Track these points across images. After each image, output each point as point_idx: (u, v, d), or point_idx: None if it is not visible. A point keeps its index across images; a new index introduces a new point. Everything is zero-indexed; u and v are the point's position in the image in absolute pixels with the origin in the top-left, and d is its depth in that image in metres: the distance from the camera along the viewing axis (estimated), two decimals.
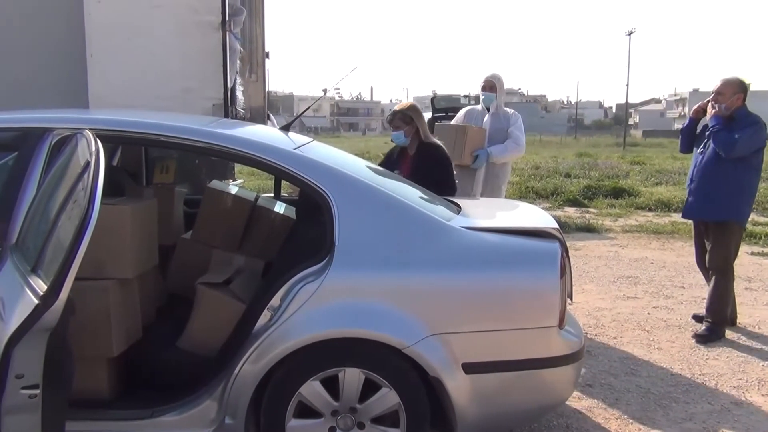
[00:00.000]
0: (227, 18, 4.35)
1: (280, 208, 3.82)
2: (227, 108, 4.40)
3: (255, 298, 2.81)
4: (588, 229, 8.84)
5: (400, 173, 3.82)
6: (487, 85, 4.97)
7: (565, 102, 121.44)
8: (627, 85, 67.35)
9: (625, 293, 5.72)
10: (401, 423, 2.58)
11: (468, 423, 2.58)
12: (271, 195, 4.22)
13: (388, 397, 2.56)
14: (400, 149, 4.20)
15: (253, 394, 2.55)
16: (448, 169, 4.05)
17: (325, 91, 5.84)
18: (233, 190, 3.90)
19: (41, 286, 1.93)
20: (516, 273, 2.66)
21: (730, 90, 4.43)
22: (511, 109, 5.10)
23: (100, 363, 2.71)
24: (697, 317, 4.90)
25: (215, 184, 3.91)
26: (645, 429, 3.29)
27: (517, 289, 2.65)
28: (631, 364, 4.12)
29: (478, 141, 4.84)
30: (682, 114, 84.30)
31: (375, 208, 2.68)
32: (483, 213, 3.28)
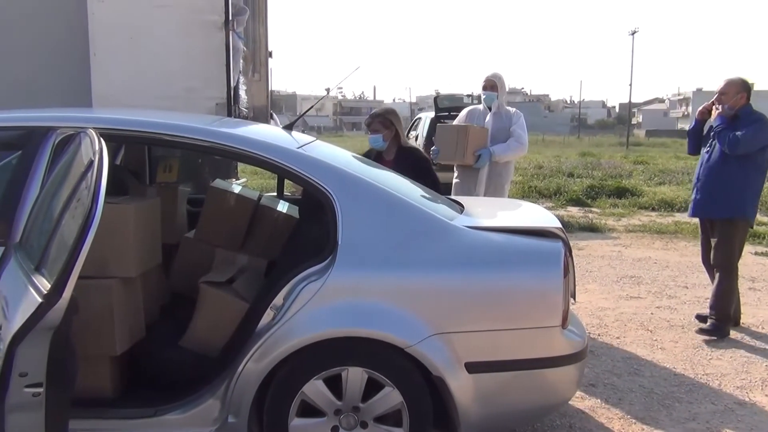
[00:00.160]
0: (230, 17, 4.36)
1: (283, 207, 3.81)
2: (230, 107, 4.41)
3: (258, 297, 2.80)
4: (591, 229, 8.84)
5: None
6: (488, 85, 4.97)
7: (568, 101, 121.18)
8: (630, 85, 66.90)
9: (629, 293, 5.71)
10: (404, 422, 2.58)
11: (471, 422, 2.58)
12: (274, 194, 4.22)
13: (391, 397, 2.56)
14: (376, 153, 4.15)
15: (256, 392, 2.55)
16: (431, 172, 4.01)
17: (328, 91, 5.86)
18: (236, 189, 3.90)
19: (45, 284, 1.93)
20: (519, 272, 2.66)
21: (733, 90, 4.48)
22: (513, 108, 5.09)
23: (103, 362, 2.71)
24: (701, 317, 4.89)
25: (218, 183, 3.91)
26: (648, 429, 3.28)
27: (521, 289, 2.65)
28: (634, 363, 4.11)
29: (480, 140, 4.83)
30: (685, 114, 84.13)
31: (378, 207, 2.68)
32: (486, 212, 3.27)
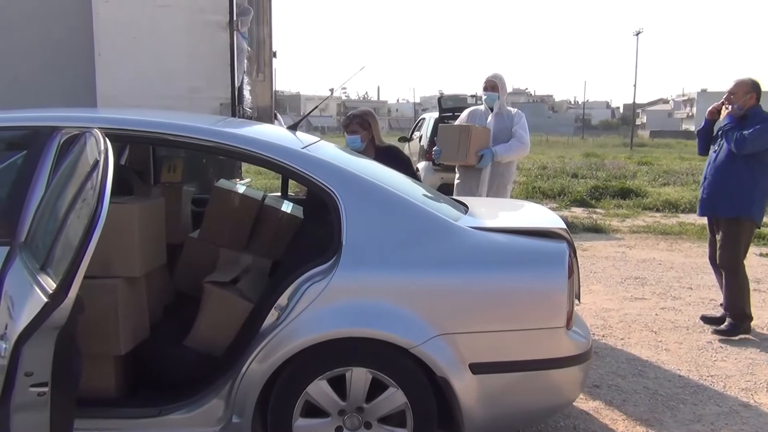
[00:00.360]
0: (235, 17, 4.37)
1: (287, 207, 3.82)
2: (234, 107, 4.41)
3: (262, 297, 2.81)
4: (595, 230, 8.83)
5: None
6: (489, 86, 4.97)
7: (573, 102, 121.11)
8: (634, 86, 67.24)
9: (633, 294, 5.70)
10: (408, 423, 2.58)
11: (475, 423, 2.58)
12: (279, 194, 4.22)
13: (395, 397, 2.56)
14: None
15: (261, 393, 2.55)
16: (411, 169, 4.04)
17: (332, 91, 5.85)
18: (240, 189, 3.91)
19: (50, 284, 1.93)
20: (524, 273, 2.65)
21: (742, 90, 4.50)
22: (514, 108, 5.10)
23: (107, 361, 2.72)
24: (706, 318, 4.88)
25: (222, 183, 3.91)
26: (652, 430, 3.27)
27: (525, 290, 2.64)
28: (639, 365, 4.10)
29: (482, 140, 4.83)
30: (689, 114, 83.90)
31: (382, 207, 2.68)
32: (490, 213, 3.27)
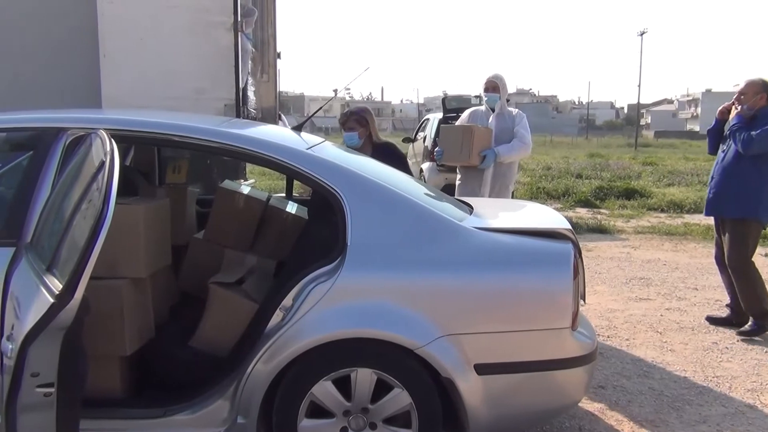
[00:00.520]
0: (239, 18, 4.37)
1: (292, 208, 3.82)
2: (239, 108, 4.42)
3: (267, 297, 2.81)
4: (600, 230, 8.81)
5: None
6: (490, 86, 4.96)
7: (577, 102, 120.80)
8: (639, 86, 66.75)
9: (638, 295, 5.68)
10: (413, 424, 2.57)
11: (480, 424, 2.58)
12: (283, 195, 4.22)
13: (400, 398, 2.56)
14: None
15: (266, 393, 2.55)
16: (407, 165, 4.05)
17: (336, 92, 5.86)
18: (245, 190, 3.91)
19: (56, 284, 1.94)
20: (529, 274, 2.65)
21: (752, 90, 4.49)
22: (515, 109, 5.10)
23: (113, 362, 2.72)
24: (711, 319, 4.87)
25: (227, 184, 3.92)
26: (658, 431, 3.26)
27: (530, 290, 2.64)
28: (644, 366, 4.09)
29: (485, 141, 4.83)
30: (694, 115, 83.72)
31: (387, 208, 2.68)
32: (495, 213, 3.27)
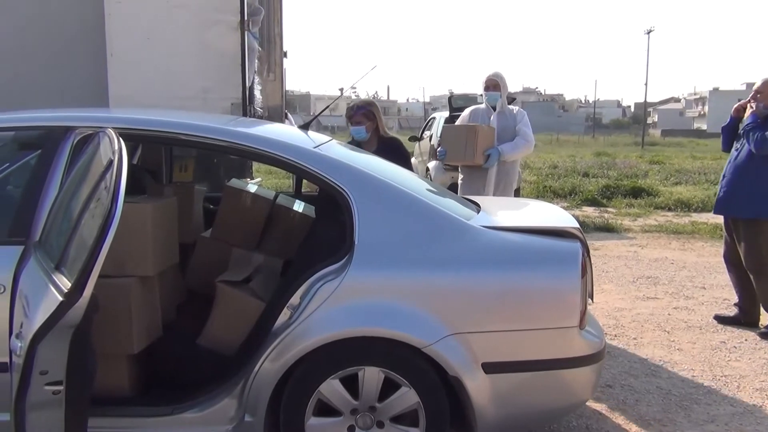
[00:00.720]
0: (246, 17, 4.37)
1: (299, 206, 3.82)
2: (245, 107, 4.42)
3: (275, 296, 2.81)
4: (607, 229, 8.79)
5: None
6: (491, 84, 4.95)
7: (583, 101, 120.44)
8: (646, 84, 66.94)
9: (645, 294, 5.66)
10: (420, 422, 2.57)
11: (487, 423, 2.57)
12: (291, 193, 4.22)
13: (407, 397, 2.56)
14: (357, 144, 4.13)
15: (273, 392, 2.55)
16: (409, 162, 4.08)
17: (342, 91, 5.87)
18: (252, 188, 3.92)
19: (65, 283, 1.95)
20: (537, 273, 2.64)
21: None
22: (516, 107, 5.09)
23: (121, 360, 2.73)
24: (719, 318, 4.85)
25: (234, 182, 3.93)
26: (666, 431, 3.25)
27: (538, 289, 2.63)
28: (652, 365, 4.08)
29: (488, 140, 4.83)
30: (701, 113, 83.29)
31: (395, 206, 2.68)
32: (503, 212, 3.26)
